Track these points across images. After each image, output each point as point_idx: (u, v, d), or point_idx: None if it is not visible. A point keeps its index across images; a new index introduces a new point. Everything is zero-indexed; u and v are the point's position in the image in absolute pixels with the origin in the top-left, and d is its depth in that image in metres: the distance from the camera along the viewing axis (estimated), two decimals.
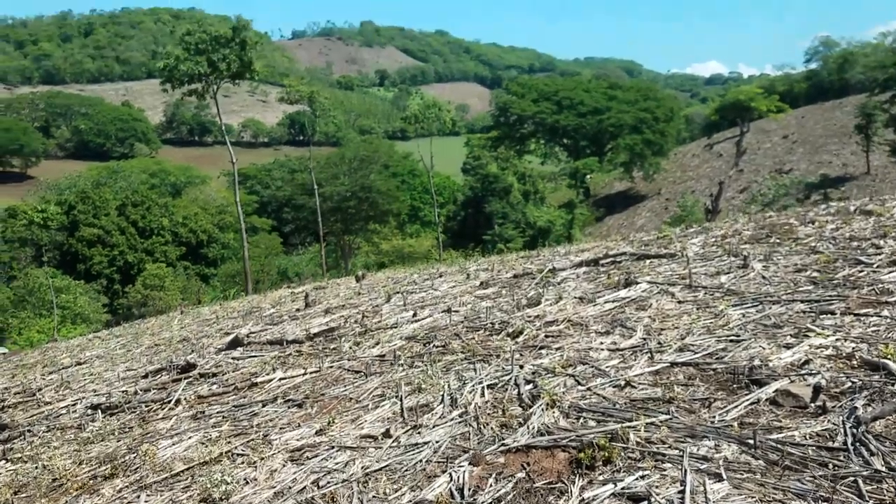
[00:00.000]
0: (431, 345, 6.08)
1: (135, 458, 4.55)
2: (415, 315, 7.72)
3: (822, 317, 4.89)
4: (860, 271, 5.87)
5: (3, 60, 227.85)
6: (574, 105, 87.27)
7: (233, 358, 7.38)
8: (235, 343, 8.13)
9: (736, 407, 3.71)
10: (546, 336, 5.74)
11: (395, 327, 7.27)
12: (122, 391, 7.02)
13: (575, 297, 6.98)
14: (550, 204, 75.46)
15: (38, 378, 10.84)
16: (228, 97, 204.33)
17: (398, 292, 10.64)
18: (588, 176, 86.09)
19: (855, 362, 4.01)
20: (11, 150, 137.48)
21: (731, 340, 4.78)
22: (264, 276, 59.65)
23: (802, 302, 5.29)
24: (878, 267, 5.90)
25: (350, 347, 6.70)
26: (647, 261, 8.64)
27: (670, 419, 3.64)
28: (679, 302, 6.03)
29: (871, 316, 4.72)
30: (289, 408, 5.06)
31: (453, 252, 59.69)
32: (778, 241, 8.06)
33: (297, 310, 11.44)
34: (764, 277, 6.24)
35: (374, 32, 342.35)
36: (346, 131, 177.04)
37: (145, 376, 7.77)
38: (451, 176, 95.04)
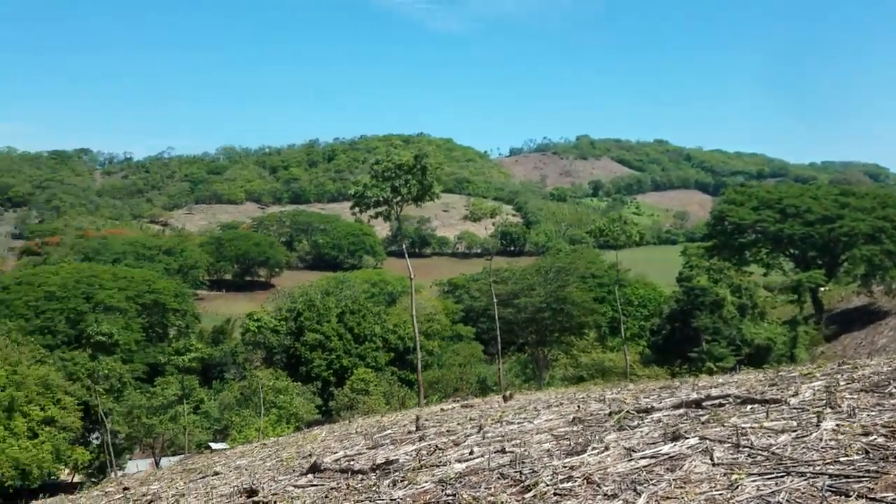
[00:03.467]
0: (445, 493, 5.93)
1: None
2: (471, 453, 7.55)
3: (833, 498, 4.10)
4: None
5: (259, 184, 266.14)
6: (800, 213, 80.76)
7: (296, 485, 7.68)
8: (313, 469, 8.46)
9: None
10: (555, 493, 5.37)
11: (443, 466, 7.16)
12: None
13: (624, 448, 6.44)
14: (774, 320, 69.14)
15: (179, 485, 11.98)
16: (447, 211, 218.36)
17: (499, 420, 10.42)
18: (822, 289, 78.23)
19: None
20: (259, 261, 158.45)
21: None
22: (463, 384, 60.65)
23: (831, 476, 4.46)
24: None
25: (386, 486, 6.71)
26: (750, 406, 7.74)
27: None
28: (714, 465, 5.35)
29: (888, 502, 3.88)
30: None
31: (657, 369, 56.60)
32: (893, 391, 6.86)
33: (409, 432, 11.62)
34: (820, 440, 5.35)
35: (590, 145, 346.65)
36: (556, 241, 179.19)
37: (231, 496, 8.33)
38: (668, 286, 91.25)
